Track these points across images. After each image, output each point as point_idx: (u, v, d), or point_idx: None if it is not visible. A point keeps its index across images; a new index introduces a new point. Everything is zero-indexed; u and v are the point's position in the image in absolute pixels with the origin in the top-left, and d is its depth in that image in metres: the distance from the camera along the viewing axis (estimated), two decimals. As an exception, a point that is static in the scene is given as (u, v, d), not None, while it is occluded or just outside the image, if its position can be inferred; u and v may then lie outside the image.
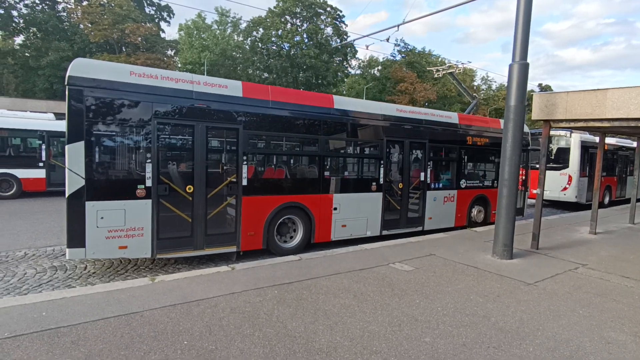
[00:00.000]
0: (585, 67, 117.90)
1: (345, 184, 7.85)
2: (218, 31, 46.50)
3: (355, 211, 7.73)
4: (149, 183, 5.58)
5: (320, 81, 45.40)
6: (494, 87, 66.97)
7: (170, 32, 75.20)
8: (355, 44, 43.41)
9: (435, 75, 12.66)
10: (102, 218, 5.28)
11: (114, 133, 5.52)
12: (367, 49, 15.19)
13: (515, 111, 6.38)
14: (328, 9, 44.83)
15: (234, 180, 6.35)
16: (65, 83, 5.13)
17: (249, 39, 45.42)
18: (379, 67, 57.93)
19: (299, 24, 44.84)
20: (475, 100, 11.94)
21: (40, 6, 39.17)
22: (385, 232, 8.19)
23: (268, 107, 6.65)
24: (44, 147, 13.67)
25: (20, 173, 13.24)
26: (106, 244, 5.35)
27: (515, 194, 6.55)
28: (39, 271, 5.75)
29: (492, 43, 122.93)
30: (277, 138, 7.55)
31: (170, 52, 45.01)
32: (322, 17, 45.15)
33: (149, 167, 5.58)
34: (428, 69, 18.16)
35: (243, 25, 46.04)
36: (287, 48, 43.32)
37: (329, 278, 5.25)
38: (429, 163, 8.81)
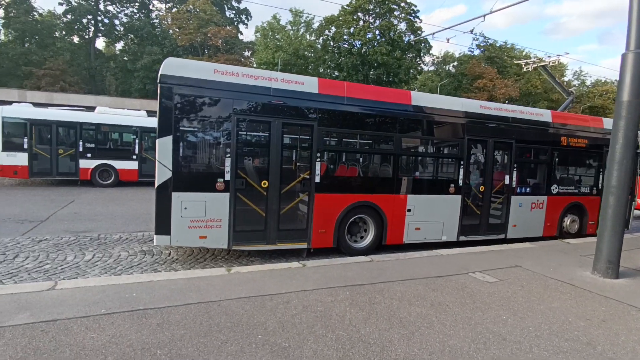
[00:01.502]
0: None
1: (421, 185, 7.46)
2: (291, 31, 47.78)
3: (431, 214, 7.30)
4: (227, 177, 5.79)
5: (391, 78, 44.32)
6: (588, 82, 59.84)
7: (247, 34, 79.23)
8: (434, 37, 41.42)
9: (524, 69, 11.52)
10: (185, 208, 5.59)
11: (198, 128, 5.82)
12: (448, 42, 14.28)
13: (629, 107, 5.51)
14: (402, 4, 43.46)
15: (307, 176, 6.34)
16: (158, 81, 5.52)
17: (321, 37, 45.86)
18: (455, 63, 54.99)
19: (371, 20, 44.16)
20: (572, 97, 10.61)
21: (138, 15, 43.82)
22: (462, 238, 7.62)
23: (343, 103, 6.53)
24: (137, 141, 15.16)
25: (118, 164, 14.84)
26: (188, 233, 5.65)
27: (625, 204, 5.65)
28: (131, 254, 6.30)
29: (587, 33, 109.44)
30: (351, 135, 7.40)
31: (247, 53, 47.38)
32: (395, 12, 43.95)
33: (228, 162, 5.79)
34: (515, 62, 16.67)
35: (316, 25, 46.75)
36: (358, 45, 42.95)
37: (402, 283, 4.98)
38: (515, 165, 8.02)
